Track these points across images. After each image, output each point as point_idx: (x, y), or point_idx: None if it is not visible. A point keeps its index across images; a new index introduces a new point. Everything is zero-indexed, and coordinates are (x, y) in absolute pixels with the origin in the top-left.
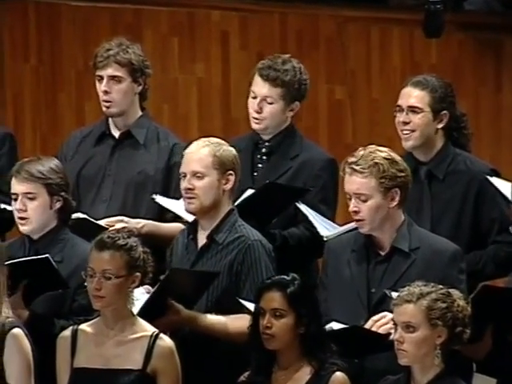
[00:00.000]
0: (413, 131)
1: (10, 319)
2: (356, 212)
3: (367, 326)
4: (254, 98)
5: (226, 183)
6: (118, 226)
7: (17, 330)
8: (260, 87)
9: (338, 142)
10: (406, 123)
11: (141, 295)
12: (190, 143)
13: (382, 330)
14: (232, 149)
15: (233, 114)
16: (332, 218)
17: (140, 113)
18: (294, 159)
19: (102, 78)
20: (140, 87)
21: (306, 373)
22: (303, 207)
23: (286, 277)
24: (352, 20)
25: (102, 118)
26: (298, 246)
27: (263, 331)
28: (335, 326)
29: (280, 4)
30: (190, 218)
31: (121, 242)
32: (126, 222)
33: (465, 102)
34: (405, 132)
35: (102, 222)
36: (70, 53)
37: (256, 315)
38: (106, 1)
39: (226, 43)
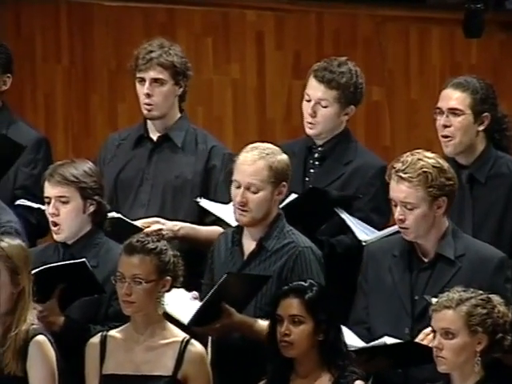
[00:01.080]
0: (453, 136)
1: (34, 326)
2: (402, 220)
3: (418, 339)
4: (308, 101)
5: (278, 194)
6: (155, 227)
7: (41, 337)
8: (314, 90)
9: (376, 145)
10: (446, 126)
11: (190, 301)
12: (243, 149)
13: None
14: (285, 156)
15: (268, 115)
16: (384, 227)
17: (179, 115)
18: (348, 165)
19: (143, 79)
20: (181, 89)
21: (324, 381)
22: (341, 212)
23: (303, 283)
24: (390, 19)
25: (134, 119)
26: (346, 253)
27: (281, 339)
28: (388, 340)
29: (316, 3)
30: (235, 222)
31: (150, 245)
32: (163, 224)
33: (506, 102)
34: (445, 136)
35: (139, 223)
36: (103, 53)
37: (273, 323)
38: (138, 1)
39: (261, 43)
